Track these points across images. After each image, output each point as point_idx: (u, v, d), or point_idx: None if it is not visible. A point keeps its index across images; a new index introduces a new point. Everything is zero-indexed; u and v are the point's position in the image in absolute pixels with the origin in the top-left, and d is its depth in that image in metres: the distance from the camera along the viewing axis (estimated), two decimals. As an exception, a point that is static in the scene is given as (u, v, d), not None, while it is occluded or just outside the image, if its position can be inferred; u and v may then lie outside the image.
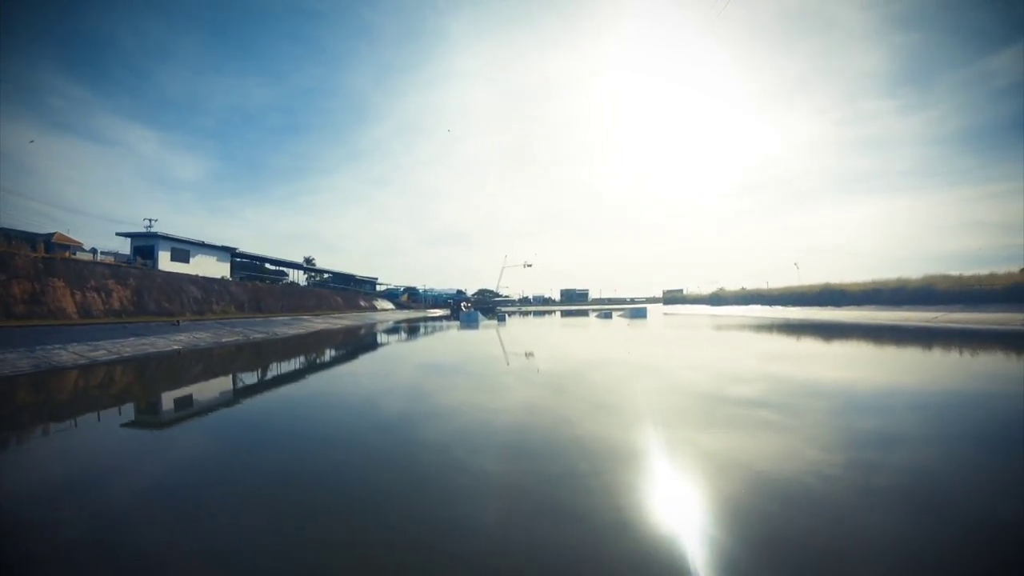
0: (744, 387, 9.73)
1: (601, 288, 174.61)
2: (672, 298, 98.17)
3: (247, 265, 58.86)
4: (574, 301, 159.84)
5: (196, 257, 40.87)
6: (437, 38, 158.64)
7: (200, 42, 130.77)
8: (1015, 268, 33.71)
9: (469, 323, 41.87)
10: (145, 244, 38.35)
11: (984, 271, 34.79)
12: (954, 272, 36.53)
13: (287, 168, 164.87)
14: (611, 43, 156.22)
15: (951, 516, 3.70)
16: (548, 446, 5.94)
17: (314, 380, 13.03)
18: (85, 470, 5.70)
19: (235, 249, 45.48)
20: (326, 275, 78.73)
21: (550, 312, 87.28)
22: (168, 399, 10.23)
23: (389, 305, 79.88)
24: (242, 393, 11.00)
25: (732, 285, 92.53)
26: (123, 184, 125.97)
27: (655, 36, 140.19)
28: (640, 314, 49.42)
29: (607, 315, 48.95)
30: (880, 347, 18.00)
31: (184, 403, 9.91)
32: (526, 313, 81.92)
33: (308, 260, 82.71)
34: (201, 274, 39.87)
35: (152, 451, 6.51)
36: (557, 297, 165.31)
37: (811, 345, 19.56)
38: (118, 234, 39.29)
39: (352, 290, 76.19)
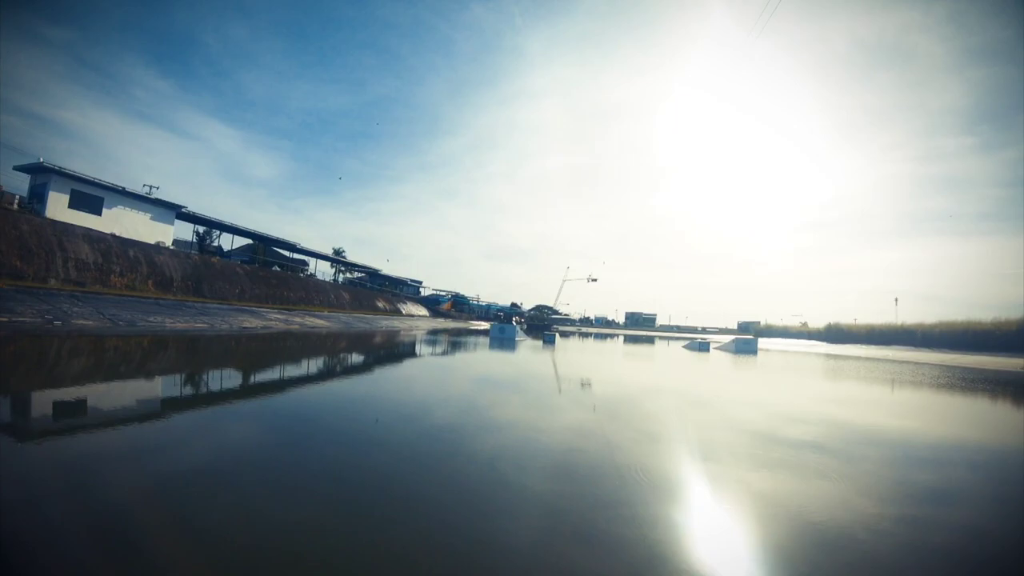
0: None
1: (670, 314, 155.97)
2: (764, 331, 78.26)
3: (264, 251, 47.30)
4: (640, 326, 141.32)
5: (114, 209, 28.39)
6: (512, 56, 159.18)
7: (282, 47, 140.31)
8: None
9: (502, 342, 27.02)
10: (38, 183, 26.31)
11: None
12: None
13: (358, 173, 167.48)
14: (683, 69, 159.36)
15: None
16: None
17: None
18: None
19: (182, 208, 32.73)
20: (357, 271, 66.87)
21: (612, 336, 71.42)
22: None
23: (422, 311, 66.33)
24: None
25: (813, 321, 76.38)
26: (200, 176, 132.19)
27: (727, 63, 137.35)
28: (748, 348, 32.73)
29: (702, 346, 32.08)
30: None
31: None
32: (586, 335, 66.79)
33: (337, 252, 71.05)
34: (119, 232, 27.35)
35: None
36: (621, 320, 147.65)
37: None
38: (15, 168, 27.57)
39: (373, 289, 63.44)
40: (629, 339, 57.59)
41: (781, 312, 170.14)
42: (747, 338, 35.67)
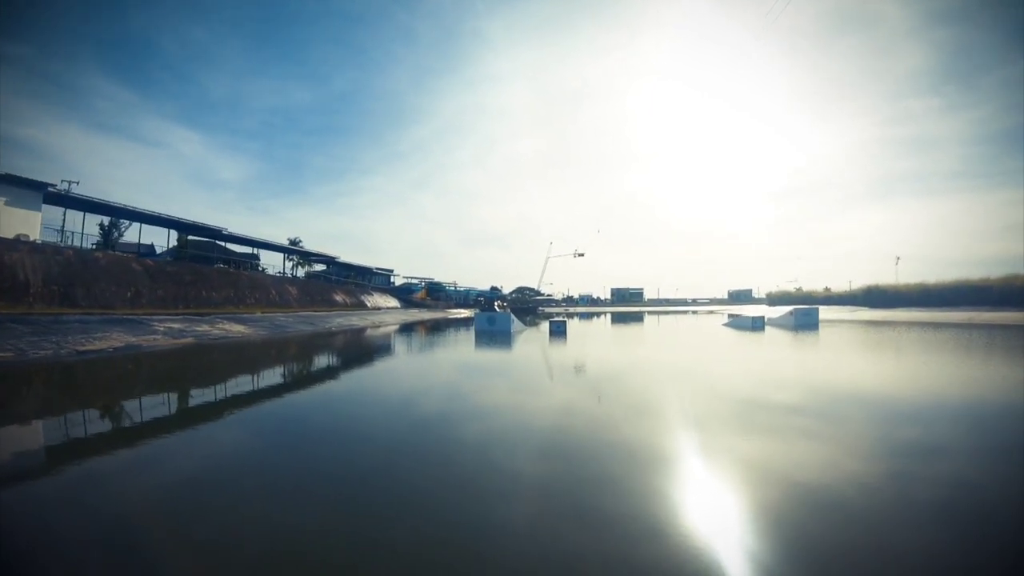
0: None
1: (659, 288, 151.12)
2: (781, 298, 71.16)
3: (203, 245, 39.07)
4: (628, 301, 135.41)
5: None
6: (474, 40, 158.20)
7: (241, 46, 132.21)
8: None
9: (493, 336, 20.13)
10: None
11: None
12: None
13: (327, 169, 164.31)
14: (649, 45, 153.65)
15: (996, 531, 3.00)
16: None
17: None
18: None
19: (50, 187, 24.52)
20: (313, 260, 58.41)
21: (599, 314, 65.34)
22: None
23: (392, 303, 58.74)
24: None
25: (807, 286, 75.72)
26: (168, 184, 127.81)
27: (694, 39, 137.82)
28: (808, 321, 26.42)
29: (756, 324, 24.90)
30: None
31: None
32: (571, 315, 60.39)
33: (294, 242, 62.23)
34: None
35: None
36: (606, 297, 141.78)
37: None
38: None
39: (338, 280, 55.65)
40: (616, 318, 51.15)
41: (774, 279, 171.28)
42: (807, 308, 28.99)
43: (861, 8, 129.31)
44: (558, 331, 21.38)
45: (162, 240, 37.16)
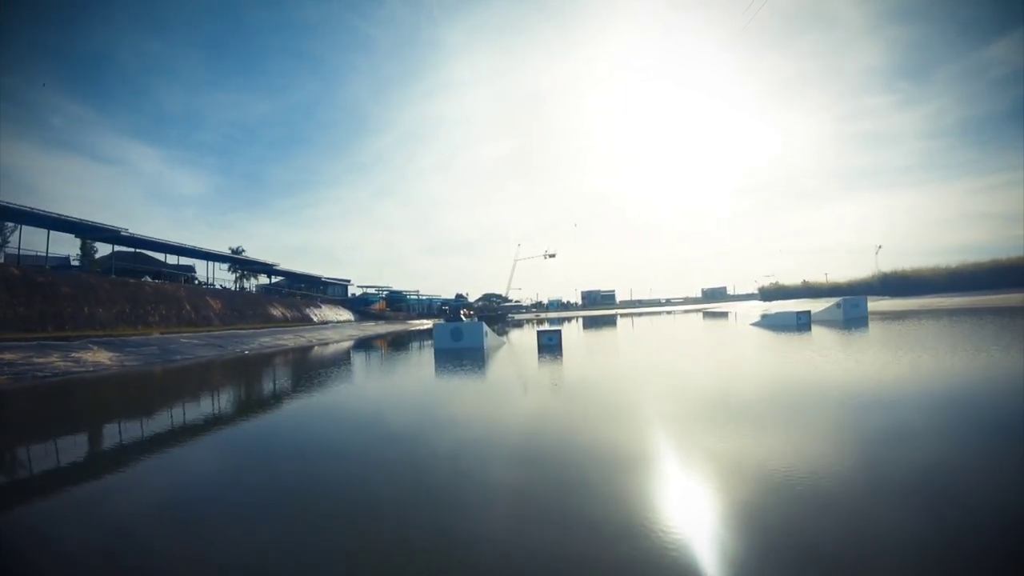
0: None
1: (631, 288, 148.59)
2: (776, 292, 66.17)
3: (127, 256, 32.73)
4: (599, 305, 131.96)
5: None
6: (433, 48, 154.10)
7: (198, 58, 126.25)
8: None
9: (460, 355, 14.85)
10: None
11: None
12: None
13: (289, 181, 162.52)
14: (608, 48, 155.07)
15: (972, 512, 2.94)
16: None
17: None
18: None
19: None
20: (252, 270, 51.42)
21: (570, 319, 61.04)
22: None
23: (344, 315, 52.24)
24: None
25: (784, 280, 75.21)
26: (127, 201, 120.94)
27: (652, 40, 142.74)
28: (858, 315, 22.83)
29: (800, 321, 19.91)
30: None
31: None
32: (542, 322, 55.54)
33: (236, 251, 55.00)
34: None
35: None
36: (577, 301, 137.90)
37: None
38: None
39: (291, 292, 49.15)
40: (588, 322, 46.53)
41: (746, 276, 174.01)
42: (854, 299, 24.76)
43: (818, 8, 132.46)
44: (549, 344, 15.95)
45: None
